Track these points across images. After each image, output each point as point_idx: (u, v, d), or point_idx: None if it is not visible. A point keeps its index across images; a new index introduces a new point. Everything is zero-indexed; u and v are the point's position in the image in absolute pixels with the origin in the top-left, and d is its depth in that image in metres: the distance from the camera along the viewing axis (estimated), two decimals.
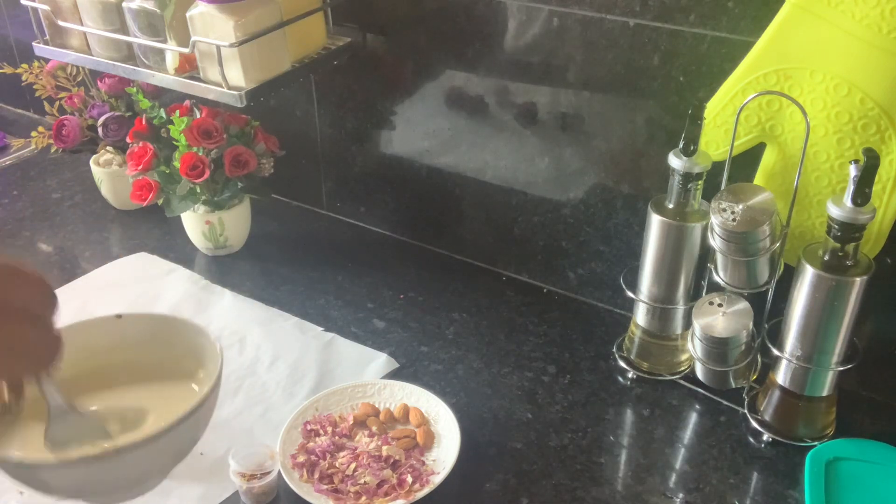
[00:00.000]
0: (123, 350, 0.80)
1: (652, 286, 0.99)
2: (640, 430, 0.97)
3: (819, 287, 0.85)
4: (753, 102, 0.89)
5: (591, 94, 1.04)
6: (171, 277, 1.23)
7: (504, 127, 1.12)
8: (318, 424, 0.95)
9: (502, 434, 0.96)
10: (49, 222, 1.38)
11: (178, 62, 1.08)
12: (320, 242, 1.32)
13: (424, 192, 1.25)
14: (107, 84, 1.35)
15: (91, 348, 0.78)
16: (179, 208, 1.20)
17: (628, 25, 0.97)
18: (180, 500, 0.87)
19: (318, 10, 1.12)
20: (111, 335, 0.80)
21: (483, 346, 1.10)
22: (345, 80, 1.23)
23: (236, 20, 1.00)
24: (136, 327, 0.81)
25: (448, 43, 1.11)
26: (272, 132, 1.25)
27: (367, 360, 1.06)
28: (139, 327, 0.81)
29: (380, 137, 1.25)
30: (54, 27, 1.17)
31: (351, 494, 0.86)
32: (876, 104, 0.83)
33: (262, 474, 0.85)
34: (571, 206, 1.12)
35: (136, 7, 1.06)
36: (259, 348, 1.08)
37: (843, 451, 0.90)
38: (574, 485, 0.90)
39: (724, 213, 0.87)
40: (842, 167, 0.87)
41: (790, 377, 0.91)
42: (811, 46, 0.84)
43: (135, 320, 0.81)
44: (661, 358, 1.03)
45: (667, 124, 1.00)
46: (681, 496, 0.88)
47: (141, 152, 1.19)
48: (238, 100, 1.04)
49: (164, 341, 0.80)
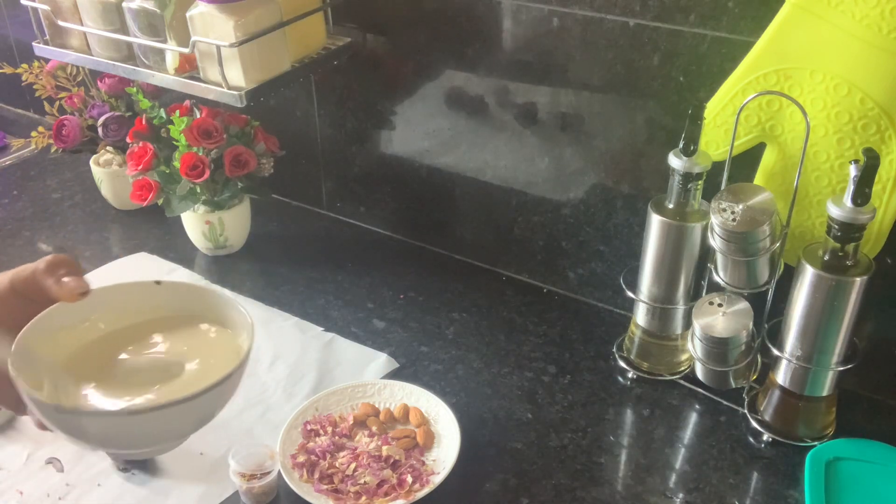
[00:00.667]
0: (159, 311, 0.80)
1: (652, 286, 0.99)
2: (640, 430, 0.97)
3: (819, 287, 0.85)
4: (753, 102, 0.89)
5: (591, 94, 1.04)
6: (171, 277, 1.22)
7: (504, 127, 1.12)
8: (318, 424, 0.95)
9: (502, 434, 0.96)
10: (49, 222, 1.38)
11: (178, 62, 1.08)
12: (320, 242, 1.32)
13: (424, 192, 1.25)
14: (107, 84, 1.35)
15: (128, 310, 0.79)
16: (179, 208, 1.20)
17: (628, 25, 0.97)
18: (180, 500, 0.87)
19: (318, 10, 1.12)
20: (148, 300, 0.80)
21: (483, 346, 1.10)
22: (345, 80, 1.23)
23: (236, 20, 1.00)
24: (174, 295, 0.81)
25: (448, 43, 1.11)
26: (272, 132, 1.25)
27: (367, 360, 1.06)
28: (176, 295, 0.81)
29: (380, 137, 1.25)
30: (54, 27, 1.17)
31: (351, 494, 0.86)
32: (876, 104, 0.83)
33: (262, 474, 0.85)
34: (571, 206, 1.12)
35: (136, 7, 1.06)
36: (259, 348, 1.08)
37: (843, 451, 0.90)
38: (574, 485, 0.90)
39: (724, 213, 0.87)
40: (842, 167, 0.87)
41: (790, 377, 0.91)
42: (811, 46, 0.84)
43: (173, 288, 0.81)
44: (661, 358, 1.03)
45: (667, 124, 1.00)
46: (681, 496, 0.88)
47: (141, 152, 1.19)
48: (238, 100, 1.04)
49: (198, 312, 0.80)
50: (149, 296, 0.80)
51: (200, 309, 0.80)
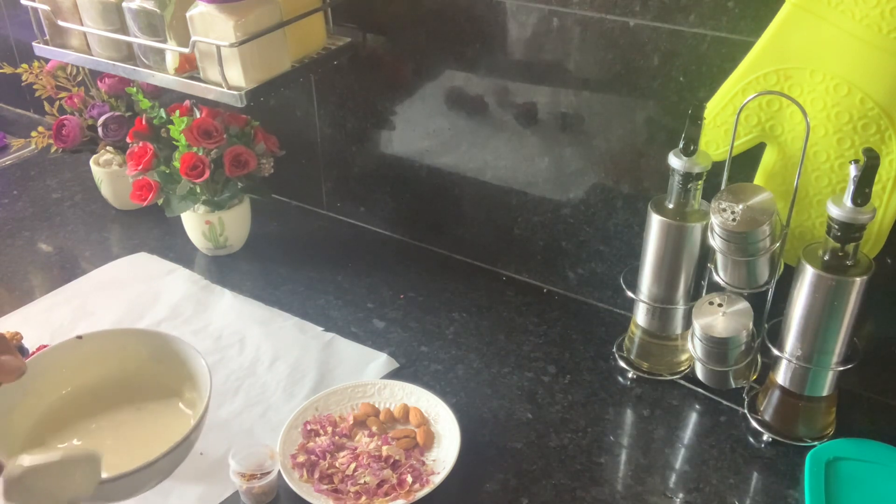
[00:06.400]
0: (106, 369, 0.83)
1: (652, 286, 0.99)
2: (640, 430, 0.97)
3: (819, 287, 0.85)
4: (753, 102, 0.89)
5: (591, 94, 1.04)
6: (171, 277, 1.23)
7: (504, 127, 1.12)
8: (318, 424, 0.95)
9: (502, 434, 0.96)
10: (49, 222, 1.38)
11: (178, 62, 1.08)
12: (320, 242, 1.32)
13: (424, 192, 1.25)
14: (107, 84, 1.35)
15: (62, 374, 0.82)
16: (179, 208, 1.20)
17: (628, 25, 0.97)
18: (180, 500, 0.87)
19: (318, 10, 1.12)
20: (76, 357, 0.83)
21: (483, 346, 1.10)
22: (345, 80, 1.23)
23: (236, 20, 1.00)
24: (99, 344, 0.84)
25: (448, 43, 1.11)
26: (272, 132, 1.25)
27: (367, 360, 1.06)
28: (102, 344, 0.84)
29: (380, 137, 1.25)
30: (54, 27, 1.17)
31: (351, 494, 0.86)
32: (876, 104, 0.83)
33: (262, 474, 0.85)
34: (571, 206, 1.12)
35: (136, 7, 1.06)
36: (259, 348, 1.08)
37: (843, 451, 0.90)
38: (574, 485, 0.90)
39: (724, 213, 0.87)
40: (842, 167, 0.87)
41: (790, 377, 0.91)
42: (811, 46, 0.84)
43: (95, 338, 0.84)
44: (661, 358, 1.03)
45: (667, 124, 1.00)
46: (681, 496, 0.88)
47: (141, 152, 1.19)
48: (238, 100, 1.04)
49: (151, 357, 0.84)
50: (73, 353, 0.82)
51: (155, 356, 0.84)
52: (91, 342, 0.83)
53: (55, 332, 1.11)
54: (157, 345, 0.84)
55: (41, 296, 1.19)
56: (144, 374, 0.84)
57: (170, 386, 0.84)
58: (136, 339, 0.85)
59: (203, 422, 0.76)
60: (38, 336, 1.08)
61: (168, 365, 0.84)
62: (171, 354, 0.83)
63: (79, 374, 0.83)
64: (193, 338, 1.10)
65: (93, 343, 0.83)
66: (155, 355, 0.84)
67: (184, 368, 0.83)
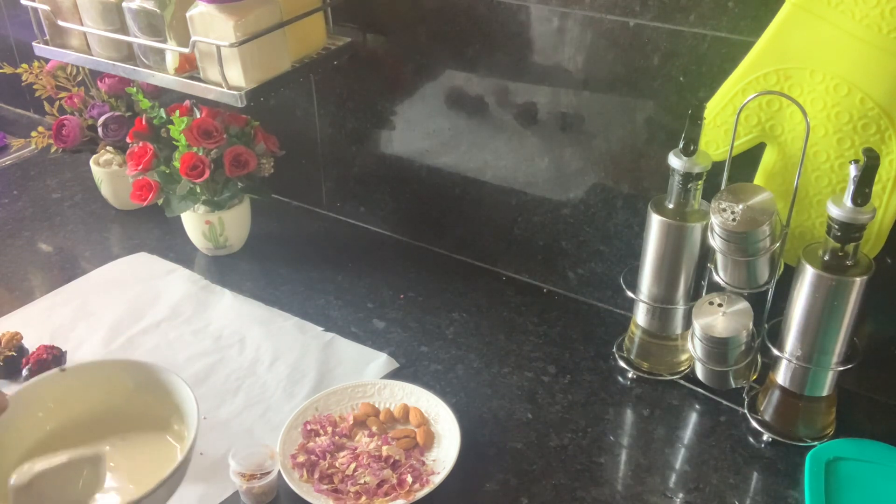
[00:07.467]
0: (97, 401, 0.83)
1: (652, 286, 0.99)
2: (640, 430, 0.97)
3: (819, 287, 0.85)
4: (753, 102, 0.89)
5: (591, 94, 1.04)
6: (171, 277, 1.23)
7: (504, 127, 1.12)
8: (318, 424, 0.95)
9: (502, 434, 0.96)
10: (49, 222, 1.38)
11: (178, 62, 1.08)
12: (320, 242, 1.32)
13: (424, 192, 1.25)
14: (107, 84, 1.35)
15: (47, 407, 0.82)
16: (179, 208, 1.20)
17: (628, 25, 0.97)
18: (180, 500, 0.87)
19: (318, 10, 1.12)
20: (60, 389, 0.83)
21: (483, 346, 1.10)
22: (345, 80, 1.23)
23: (236, 20, 1.00)
24: (83, 377, 0.83)
25: (448, 43, 1.11)
26: (272, 132, 1.25)
27: (367, 360, 1.06)
28: (87, 377, 0.83)
29: (380, 137, 1.25)
30: (54, 27, 1.17)
31: (351, 494, 0.86)
32: (876, 104, 0.83)
33: (262, 474, 0.85)
34: (571, 206, 1.12)
35: (136, 7, 1.06)
36: (259, 348, 1.08)
37: (843, 451, 0.90)
38: (574, 485, 0.90)
39: (724, 213, 0.87)
40: (842, 167, 0.87)
41: (790, 377, 0.91)
42: (811, 46, 0.84)
43: (79, 370, 0.84)
44: (661, 358, 1.03)
45: (667, 124, 1.00)
46: (681, 496, 0.88)
47: (141, 152, 1.19)
48: (238, 100, 1.04)
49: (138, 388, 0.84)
50: (57, 386, 0.82)
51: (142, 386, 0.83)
52: (75, 374, 0.82)
53: (55, 332, 1.11)
54: (143, 375, 0.83)
55: (41, 296, 1.19)
56: (131, 406, 0.83)
57: (157, 417, 0.83)
58: (121, 370, 0.84)
59: (191, 456, 0.75)
60: (39, 336, 1.08)
61: (155, 395, 0.83)
62: (157, 385, 0.82)
63: (64, 408, 0.81)
64: (193, 338, 1.10)
65: (77, 375, 0.82)
66: (141, 386, 0.83)
67: (170, 399, 0.82)
